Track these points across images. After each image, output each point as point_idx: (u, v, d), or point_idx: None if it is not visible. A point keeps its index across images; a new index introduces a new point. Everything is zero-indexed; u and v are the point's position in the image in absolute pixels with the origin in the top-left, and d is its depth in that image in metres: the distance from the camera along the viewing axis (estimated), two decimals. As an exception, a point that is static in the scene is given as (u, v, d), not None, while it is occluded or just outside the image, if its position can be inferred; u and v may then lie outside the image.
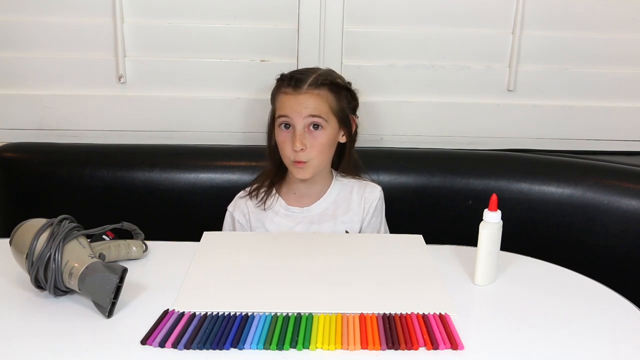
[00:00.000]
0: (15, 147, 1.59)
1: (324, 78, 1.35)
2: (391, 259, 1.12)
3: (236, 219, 1.39)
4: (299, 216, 1.37)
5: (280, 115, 1.33)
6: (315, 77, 1.34)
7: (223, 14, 1.59)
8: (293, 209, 1.38)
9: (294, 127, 1.31)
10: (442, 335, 0.87)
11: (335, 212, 1.38)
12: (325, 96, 1.33)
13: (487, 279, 1.05)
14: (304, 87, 1.32)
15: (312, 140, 1.31)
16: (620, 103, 1.68)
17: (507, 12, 1.61)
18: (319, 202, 1.38)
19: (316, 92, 1.33)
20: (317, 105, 1.32)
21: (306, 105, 1.31)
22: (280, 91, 1.35)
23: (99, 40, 1.59)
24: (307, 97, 1.32)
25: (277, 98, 1.36)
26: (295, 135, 1.30)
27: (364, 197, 1.40)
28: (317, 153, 1.32)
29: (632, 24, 1.64)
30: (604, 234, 1.46)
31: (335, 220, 1.37)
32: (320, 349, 0.84)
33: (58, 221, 0.97)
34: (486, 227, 1.03)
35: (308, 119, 1.31)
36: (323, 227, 1.37)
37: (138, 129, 1.65)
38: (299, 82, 1.33)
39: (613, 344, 0.88)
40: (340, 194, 1.40)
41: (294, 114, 1.31)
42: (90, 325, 0.89)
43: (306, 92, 1.32)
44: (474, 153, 1.63)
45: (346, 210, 1.38)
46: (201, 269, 1.07)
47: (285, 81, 1.36)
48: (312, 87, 1.33)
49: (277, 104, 1.36)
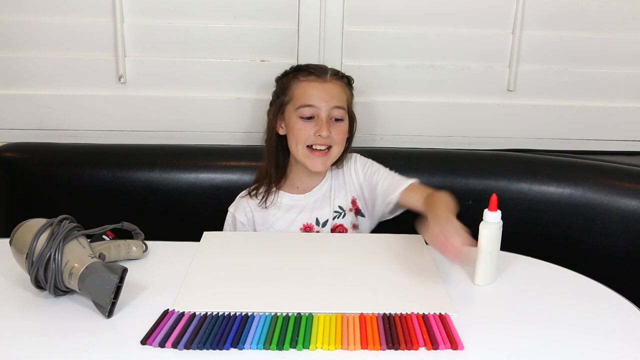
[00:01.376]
0: (15, 147, 1.59)
1: (341, 72, 1.39)
2: (391, 259, 1.12)
3: (238, 219, 1.39)
4: (302, 203, 1.38)
5: (305, 104, 1.32)
6: (334, 69, 1.38)
7: (223, 14, 1.59)
8: (297, 196, 1.39)
9: (317, 116, 1.31)
10: (442, 335, 0.87)
11: (331, 194, 1.40)
12: (344, 88, 1.37)
13: (487, 279, 1.05)
14: (327, 76, 1.34)
15: (335, 128, 1.33)
16: (620, 103, 1.68)
17: (507, 12, 1.61)
18: (317, 187, 1.40)
19: (339, 83, 1.35)
20: (341, 95, 1.34)
21: (333, 95, 1.32)
22: (300, 80, 1.35)
23: (99, 40, 1.59)
24: (333, 86, 1.34)
25: (297, 86, 1.35)
26: (322, 122, 1.30)
27: (350, 172, 1.41)
28: (340, 140, 1.34)
29: (632, 24, 1.63)
30: (604, 234, 1.46)
31: (333, 203, 1.38)
32: (320, 349, 0.84)
33: (58, 221, 0.97)
34: (486, 227, 1.03)
35: (333, 110, 1.32)
36: (324, 210, 1.38)
37: (138, 129, 1.65)
38: (322, 71, 1.35)
39: (613, 343, 0.88)
40: (333, 179, 1.41)
41: (320, 102, 1.31)
42: (90, 325, 0.89)
43: (331, 81, 1.34)
44: (474, 153, 1.63)
45: (339, 189, 1.40)
46: (201, 269, 1.07)
47: (303, 71, 1.36)
48: (335, 77, 1.36)
49: (298, 92, 1.34)
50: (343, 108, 1.33)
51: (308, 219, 1.37)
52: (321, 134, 1.30)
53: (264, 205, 1.38)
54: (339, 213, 1.38)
